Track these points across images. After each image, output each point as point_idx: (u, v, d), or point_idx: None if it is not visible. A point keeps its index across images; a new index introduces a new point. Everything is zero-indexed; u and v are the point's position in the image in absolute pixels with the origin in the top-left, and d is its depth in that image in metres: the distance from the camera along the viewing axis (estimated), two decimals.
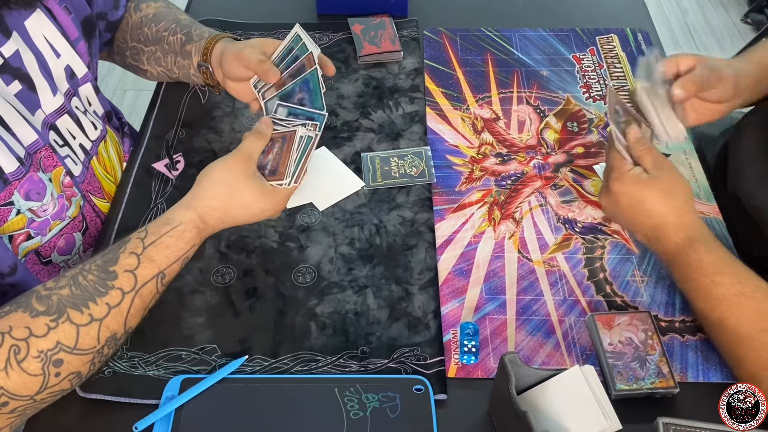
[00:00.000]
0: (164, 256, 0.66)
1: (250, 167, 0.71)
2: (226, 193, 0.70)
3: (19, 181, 0.73)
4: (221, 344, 0.73)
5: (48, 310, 0.59)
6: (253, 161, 0.72)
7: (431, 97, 1.01)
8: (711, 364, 0.71)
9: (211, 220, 0.70)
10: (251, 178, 0.71)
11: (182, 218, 0.68)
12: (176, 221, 0.68)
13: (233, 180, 0.70)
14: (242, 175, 0.70)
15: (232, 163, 0.71)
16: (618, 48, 1.09)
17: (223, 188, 0.70)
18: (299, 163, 0.73)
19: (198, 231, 0.69)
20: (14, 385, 0.57)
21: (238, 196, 0.70)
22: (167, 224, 0.67)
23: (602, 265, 0.80)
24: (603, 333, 0.71)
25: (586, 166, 0.91)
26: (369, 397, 0.67)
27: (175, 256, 0.67)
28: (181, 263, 0.68)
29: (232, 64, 0.82)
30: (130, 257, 0.64)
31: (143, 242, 0.66)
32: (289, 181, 0.73)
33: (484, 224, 0.85)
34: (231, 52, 0.82)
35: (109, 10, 0.93)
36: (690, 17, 2.59)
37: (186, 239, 0.67)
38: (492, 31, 1.12)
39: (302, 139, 0.73)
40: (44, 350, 0.58)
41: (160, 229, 0.67)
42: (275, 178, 0.73)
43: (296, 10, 1.17)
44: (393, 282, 0.78)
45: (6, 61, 0.73)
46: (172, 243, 0.66)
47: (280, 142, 0.75)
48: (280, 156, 0.73)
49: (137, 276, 0.64)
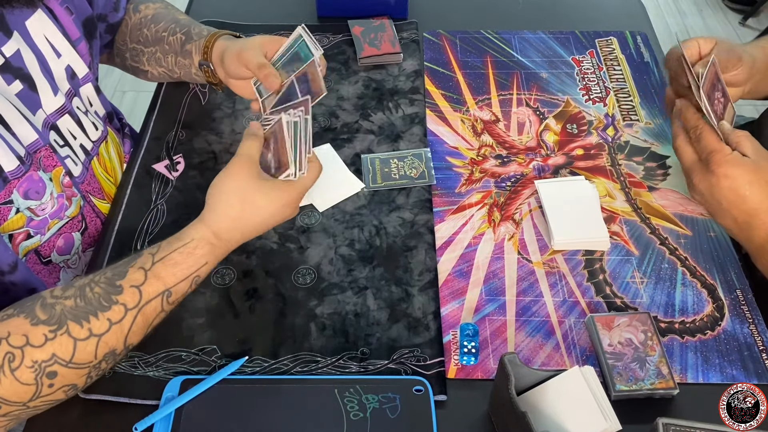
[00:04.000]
0: (171, 273, 0.63)
1: (253, 169, 0.69)
2: (239, 201, 0.67)
3: (19, 180, 0.73)
4: (221, 345, 0.73)
5: (49, 320, 0.58)
6: (255, 162, 0.70)
7: (431, 99, 1.01)
8: (710, 365, 0.72)
9: (226, 233, 0.67)
10: (257, 178, 0.68)
11: (194, 234, 0.66)
12: (188, 237, 0.65)
13: (241, 186, 0.68)
14: (248, 178, 0.68)
15: (234, 170, 0.69)
16: (617, 50, 1.09)
17: (234, 197, 0.67)
18: (295, 148, 0.71)
19: (211, 247, 0.66)
20: (6, 392, 0.56)
21: (250, 201, 0.68)
22: (179, 240, 0.65)
23: (602, 266, 0.81)
24: (603, 334, 0.72)
25: (586, 168, 0.91)
26: (369, 398, 0.67)
27: (184, 274, 0.64)
28: (191, 282, 0.65)
29: (234, 63, 0.81)
30: (138, 272, 0.62)
31: (153, 257, 0.63)
32: (294, 169, 0.70)
33: (484, 226, 0.85)
34: (232, 52, 0.82)
35: (110, 12, 0.93)
36: (689, 20, 2.60)
37: (196, 256, 0.65)
38: (492, 33, 1.12)
39: (290, 125, 0.71)
40: (39, 361, 0.57)
41: (171, 245, 0.65)
42: (282, 171, 0.71)
43: (296, 11, 1.17)
44: (393, 283, 0.78)
45: (7, 60, 0.73)
46: (181, 260, 0.64)
47: (273, 137, 0.74)
48: (278, 149, 0.72)
49: (142, 292, 0.62)
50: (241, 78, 0.83)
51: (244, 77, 0.83)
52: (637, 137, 0.96)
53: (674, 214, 0.86)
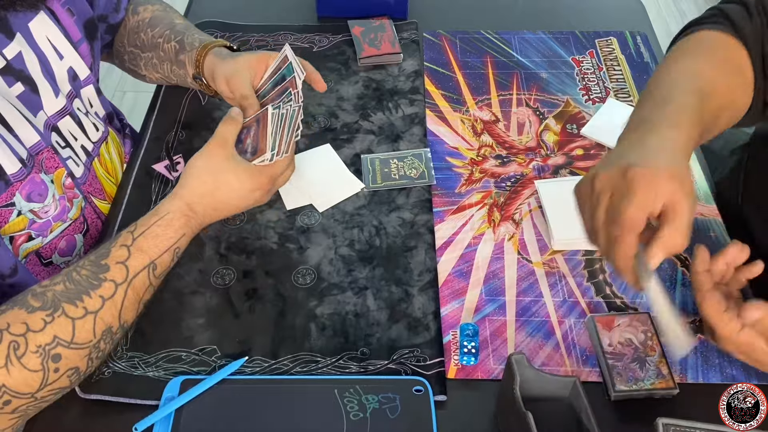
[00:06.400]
0: (153, 245, 0.67)
1: (227, 150, 0.73)
2: (211, 179, 0.71)
3: (21, 183, 0.73)
4: (221, 345, 0.73)
5: (44, 306, 0.60)
6: (230, 144, 0.73)
7: (431, 99, 1.01)
8: (710, 365, 0.72)
9: (199, 207, 0.71)
10: (231, 159, 0.72)
11: (170, 207, 0.69)
12: (164, 211, 0.69)
13: (215, 165, 0.72)
14: (222, 158, 0.72)
15: (210, 149, 0.73)
16: (617, 51, 1.09)
17: (207, 174, 0.71)
18: (276, 137, 0.73)
19: (186, 219, 0.69)
20: (15, 382, 0.57)
21: (223, 180, 0.71)
22: (155, 215, 0.69)
23: (602, 266, 0.81)
24: (603, 334, 0.72)
25: (586, 168, 0.91)
26: (369, 398, 0.67)
27: (165, 246, 0.67)
28: (173, 253, 0.69)
29: (223, 87, 0.83)
30: (121, 249, 0.65)
31: (133, 234, 0.67)
32: (271, 155, 0.73)
33: (484, 226, 0.85)
34: (222, 77, 0.82)
35: (110, 13, 0.93)
36: (688, 20, 2.60)
37: (175, 227, 0.68)
38: (491, 33, 1.12)
39: (274, 116, 0.73)
40: (42, 345, 0.59)
41: (148, 221, 0.68)
42: (257, 157, 0.73)
43: (296, 12, 1.17)
44: (393, 283, 0.78)
45: (9, 62, 0.73)
46: (160, 232, 0.67)
47: (255, 124, 0.76)
48: (257, 136, 0.74)
49: (128, 267, 0.65)
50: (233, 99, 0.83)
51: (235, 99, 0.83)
52: None
53: None
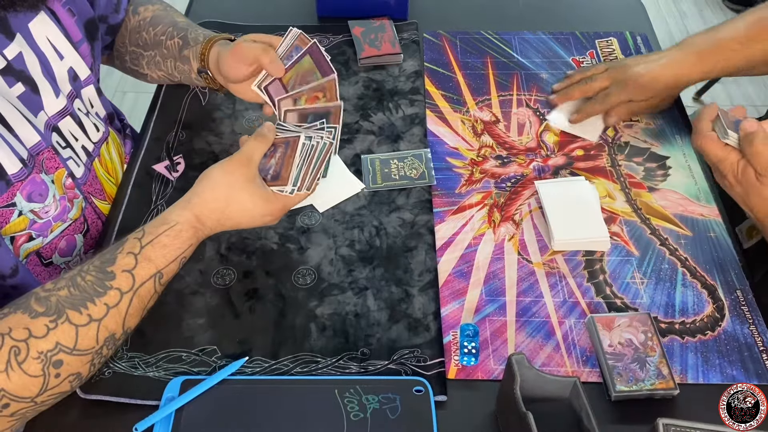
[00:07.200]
0: (161, 255, 0.65)
1: (250, 170, 0.70)
2: (225, 196, 0.69)
3: (22, 183, 0.73)
4: (221, 345, 0.73)
5: (47, 311, 0.59)
6: (254, 164, 0.71)
7: (431, 99, 1.01)
8: (711, 366, 0.72)
9: (209, 221, 0.69)
10: (251, 181, 0.70)
11: (179, 218, 0.68)
12: (173, 221, 0.67)
13: (232, 183, 0.69)
14: (242, 178, 0.69)
15: (232, 166, 0.70)
16: (617, 51, 1.09)
17: (222, 190, 0.69)
18: (301, 169, 0.71)
19: (194, 231, 0.68)
20: (15, 387, 0.57)
21: (237, 199, 0.69)
22: (164, 224, 0.67)
23: (602, 266, 0.81)
24: (603, 334, 0.72)
25: (586, 169, 0.91)
26: (369, 398, 0.67)
27: (173, 256, 0.66)
28: (179, 263, 0.68)
29: (230, 65, 0.81)
30: (128, 257, 0.64)
31: (140, 242, 0.65)
32: (291, 189, 0.71)
33: (484, 226, 0.85)
34: (227, 52, 0.81)
35: (110, 13, 0.93)
36: (689, 20, 2.60)
37: (183, 239, 0.67)
38: (492, 34, 1.12)
39: (305, 147, 0.72)
40: (44, 351, 0.58)
41: (157, 229, 0.67)
42: (277, 183, 0.71)
43: (296, 12, 1.17)
44: (393, 284, 0.78)
45: (9, 63, 0.73)
46: (168, 242, 0.66)
47: (283, 147, 0.73)
48: (283, 161, 0.72)
49: (135, 276, 0.64)
50: (240, 80, 0.82)
51: (242, 79, 0.82)
52: (637, 138, 0.96)
53: (674, 214, 0.86)
